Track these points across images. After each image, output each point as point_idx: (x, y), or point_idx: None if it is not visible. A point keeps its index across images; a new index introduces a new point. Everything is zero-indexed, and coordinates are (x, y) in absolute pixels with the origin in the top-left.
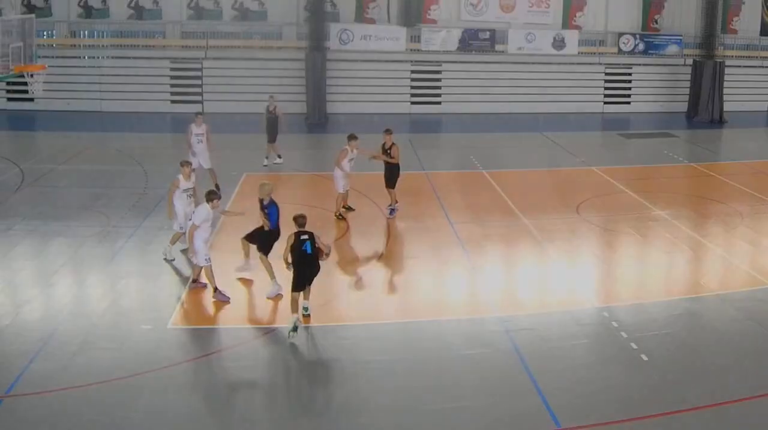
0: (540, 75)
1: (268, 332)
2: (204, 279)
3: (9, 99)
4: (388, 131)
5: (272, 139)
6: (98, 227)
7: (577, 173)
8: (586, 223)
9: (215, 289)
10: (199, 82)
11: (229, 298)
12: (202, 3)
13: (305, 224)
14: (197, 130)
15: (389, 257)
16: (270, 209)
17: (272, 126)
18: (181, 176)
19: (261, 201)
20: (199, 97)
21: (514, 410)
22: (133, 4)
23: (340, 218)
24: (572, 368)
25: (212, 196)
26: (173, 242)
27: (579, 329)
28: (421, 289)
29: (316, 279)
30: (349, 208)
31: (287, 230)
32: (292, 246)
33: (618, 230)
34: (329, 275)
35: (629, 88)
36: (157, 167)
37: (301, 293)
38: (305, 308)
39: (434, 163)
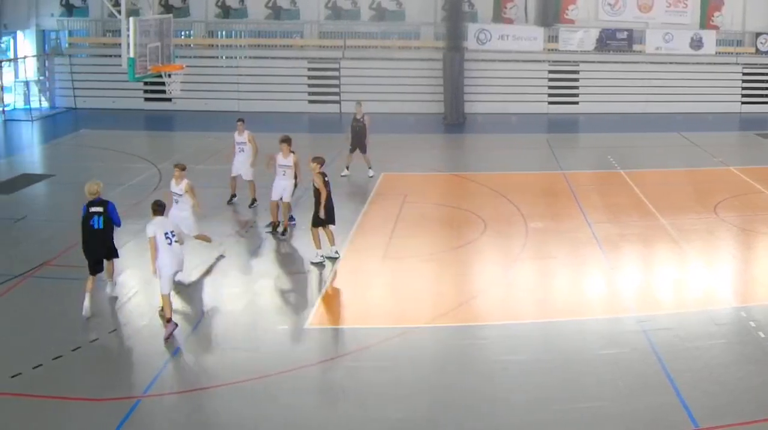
0: (677, 75)
1: (405, 332)
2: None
3: (146, 99)
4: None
5: (360, 148)
6: (235, 227)
7: (714, 173)
8: (723, 223)
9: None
10: (336, 82)
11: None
12: (339, 3)
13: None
14: (239, 138)
15: (527, 256)
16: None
17: (358, 135)
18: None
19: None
20: (336, 98)
21: (651, 409)
22: (270, 4)
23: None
24: (709, 368)
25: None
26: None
27: (716, 329)
28: (559, 289)
29: (457, 277)
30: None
31: None
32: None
33: (756, 230)
34: (466, 276)
35: None
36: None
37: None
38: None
39: (572, 163)
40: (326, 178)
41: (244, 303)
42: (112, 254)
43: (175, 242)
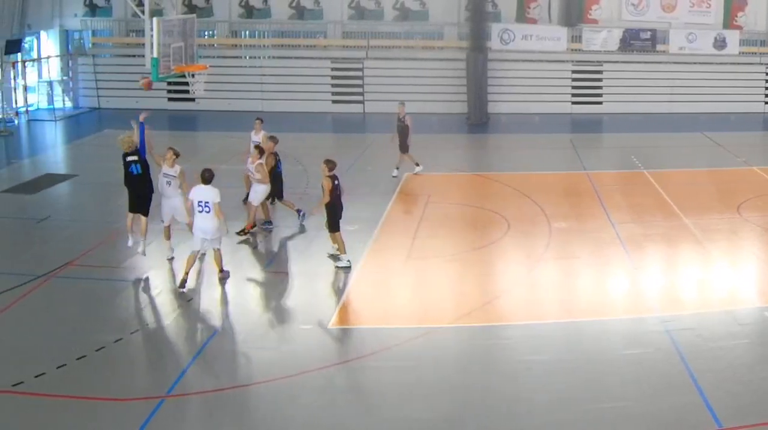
0: (701, 75)
1: (428, 332)
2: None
3: (170, 99)
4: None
5: (402, 148)
6: (259, 226)
7: (738, 173)
8: (747, 223)
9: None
10: (360, 82)
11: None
12: (363, 3)
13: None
14: (255, 137)
15: (551, 256)
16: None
17: (402, 135)
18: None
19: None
20: (360, 98)
21: (674, 409)
22: (294, 5)
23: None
24: (733, 368)
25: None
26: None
27: (740, 329)
28: (583, 289)
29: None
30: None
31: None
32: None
33: None
34: (490, 276)
35: None
36: (318, 168)
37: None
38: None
39: (595, 163)
40: (336, 182)
41: (267, 303)
42: (145, 207)
43: (206, 212)
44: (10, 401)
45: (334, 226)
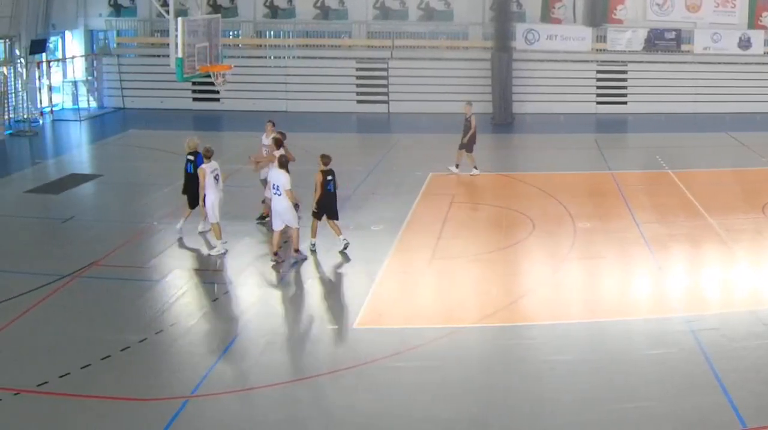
0: (725, 75)
1: (453, 332)
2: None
3: (195, 99)
4: None
5: (464, 147)
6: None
7: (762, 173)
8: None
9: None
10: (384, 82)
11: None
12: (388, 3)
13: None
14: (265, 140)
15: (575, 256)
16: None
17: (464, 133)
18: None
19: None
20: (384, 98)
21: (698, 409)
22: (319, 4)
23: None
24: (757, 368)
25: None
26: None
27: (764, 329)
28: (607, 289)
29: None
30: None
31: None
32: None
33: None
34: (514, 276)
35: None
36: (343, 167)
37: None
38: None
39: (620, 163)
40: (329, 177)
41: (292, 303)
42: (195, 201)
43: (277, 195)
44: (35, 400)
45: (316, 215)
